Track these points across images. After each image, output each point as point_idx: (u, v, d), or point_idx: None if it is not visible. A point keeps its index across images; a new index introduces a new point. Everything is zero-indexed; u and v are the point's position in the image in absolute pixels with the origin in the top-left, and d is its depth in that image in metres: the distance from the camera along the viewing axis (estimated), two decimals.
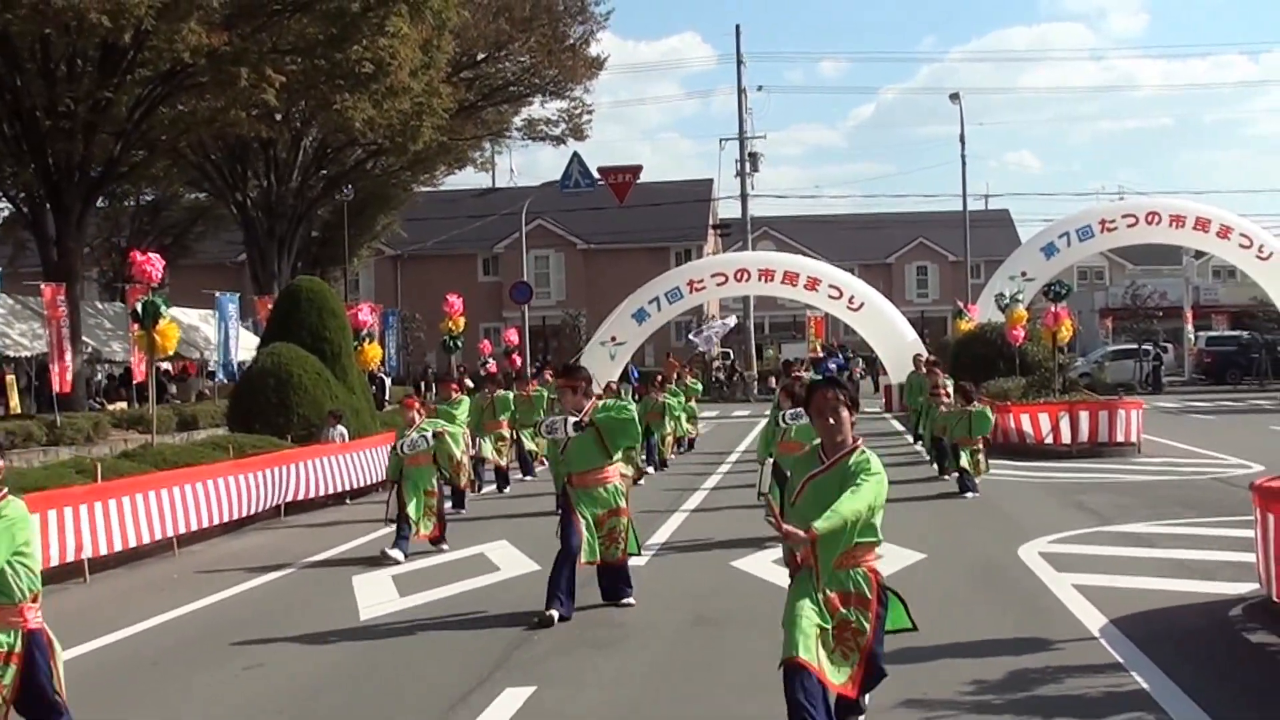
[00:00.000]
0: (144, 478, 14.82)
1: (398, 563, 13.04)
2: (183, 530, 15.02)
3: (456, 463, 14.73)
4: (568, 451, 10.25)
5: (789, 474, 6.76)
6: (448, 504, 15.48)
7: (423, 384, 44.76)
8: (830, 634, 5.97)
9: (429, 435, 14.01)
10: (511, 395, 21.28)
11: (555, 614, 9.64)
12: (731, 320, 46.96)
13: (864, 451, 6.19)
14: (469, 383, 24.05)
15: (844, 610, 6.03)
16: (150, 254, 18.63)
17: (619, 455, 10.51)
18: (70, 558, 12.88)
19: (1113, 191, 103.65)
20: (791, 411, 12.63)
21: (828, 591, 6.00)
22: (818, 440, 6.36)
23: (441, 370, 42.41)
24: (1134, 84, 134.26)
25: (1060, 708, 7.07)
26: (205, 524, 15.64)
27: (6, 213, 46.04)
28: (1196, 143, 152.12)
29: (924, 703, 6.98)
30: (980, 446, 17.73)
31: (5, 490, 6.14)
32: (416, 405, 14.58)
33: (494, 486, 20.21)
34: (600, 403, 10.58)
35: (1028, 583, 10.91)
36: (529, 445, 21.35)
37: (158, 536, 14.55)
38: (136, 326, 19.66)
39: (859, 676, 6.02)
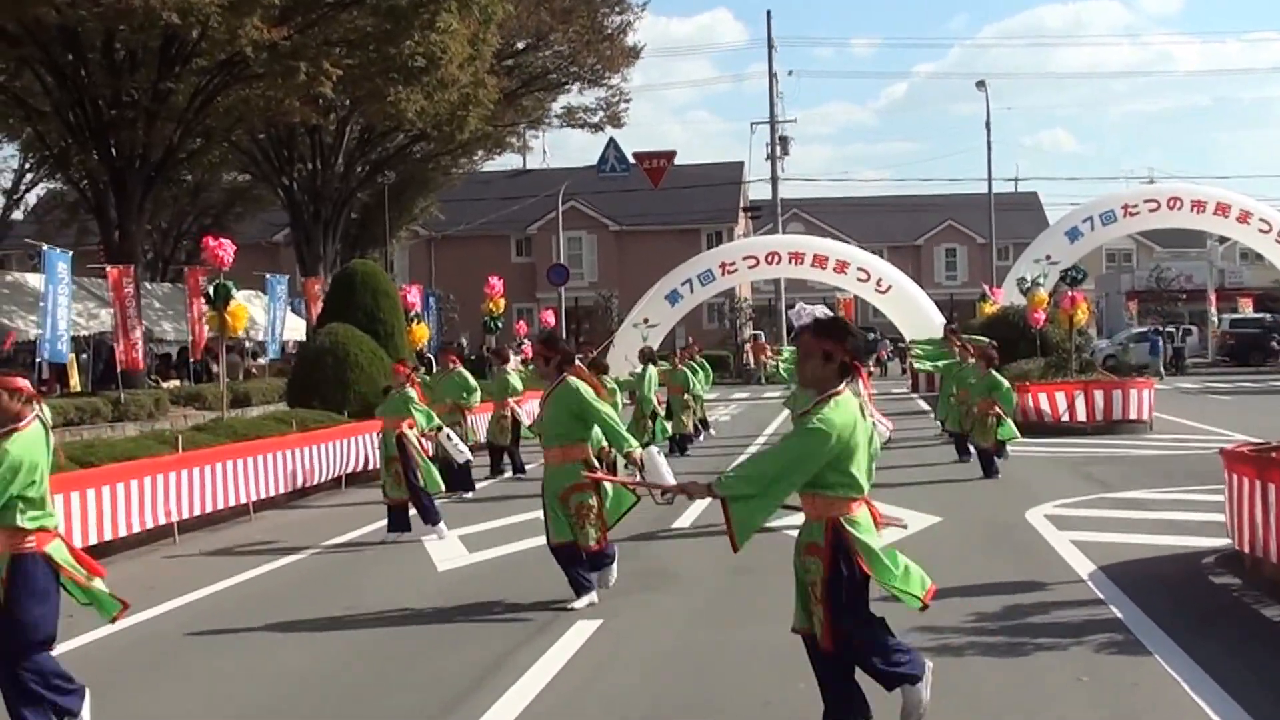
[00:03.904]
0: (221, 448, 15.90)
1: (441, 536, 13.69)
2: (256, 497, 16.20)
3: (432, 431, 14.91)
4: (542, 422, 10.20)
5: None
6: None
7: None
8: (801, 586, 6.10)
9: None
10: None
11: (581, 602, 9.84)
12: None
13: (833, 403, 5.86)
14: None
15: (801, 558, 6.09)
16: (221, 239, 19.93)
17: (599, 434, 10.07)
18: (161, 521, 14.08)
19: (1141, 175, 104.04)
20: None
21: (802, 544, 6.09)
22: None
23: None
24: (1170, 63, 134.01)
25: (1045, 631, 8.45)
26: (276, 492, 16.85)
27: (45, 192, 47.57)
28: (1232, 123, 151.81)
29: (931, 629, 8.32)
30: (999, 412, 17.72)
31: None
32: (408, 372, 14.80)
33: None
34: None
35: (1030, 539, 12.27)
36: None
37: (232, 503, 15.71)
38: (204, 307, 20.99)
39: (827, 628, 5.93)
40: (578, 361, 10.74)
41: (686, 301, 39.05)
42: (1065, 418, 23.88)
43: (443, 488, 14.43)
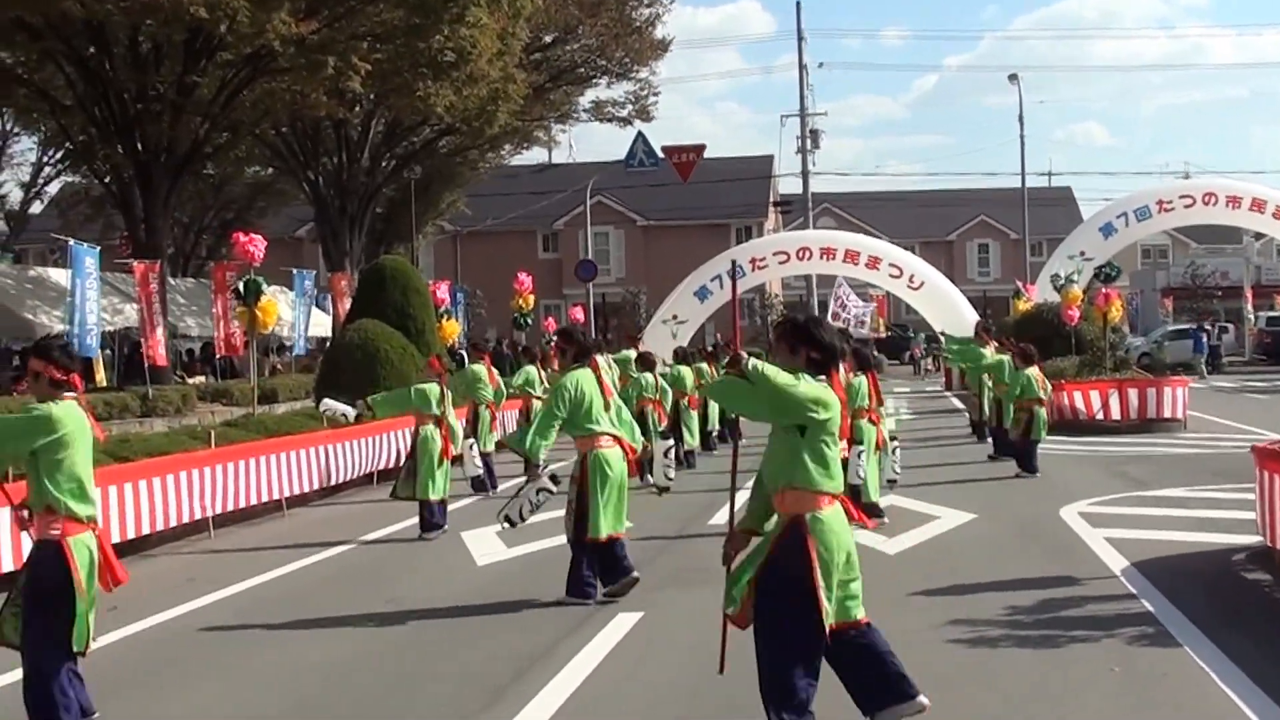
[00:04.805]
0: (254, 444, 16.00)
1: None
2: (289, 493, 16.25)
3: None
4: None
5: None
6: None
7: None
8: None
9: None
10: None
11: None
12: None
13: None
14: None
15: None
16: (252, 234, 20.03)
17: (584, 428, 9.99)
18: (197, 515, 14.17)
19: (1176, 170, 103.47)
20: None
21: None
22: None
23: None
24: (1204, 56, 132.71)
25: (1078, 624, 8.56)
26: (309, 488, 16.88)
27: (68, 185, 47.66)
28: (1268, 116, 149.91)
29: (967, 621, 8.55)
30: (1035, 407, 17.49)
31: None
32: (440, 369, 14.88)
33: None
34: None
35: (1064, 535, 12.30)
36: None
37: (265, 499, 15.76)
38: (235, 302, 21.08)
39: (746, 608, 6.12)
40: (596, 354, 10.62)
41: (716, 298, 38.88)
42: (1099, 416, 23.73)
43: (440, 495, 13.96)
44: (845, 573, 6.07)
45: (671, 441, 10.01)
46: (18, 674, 7.67)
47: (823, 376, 6.15)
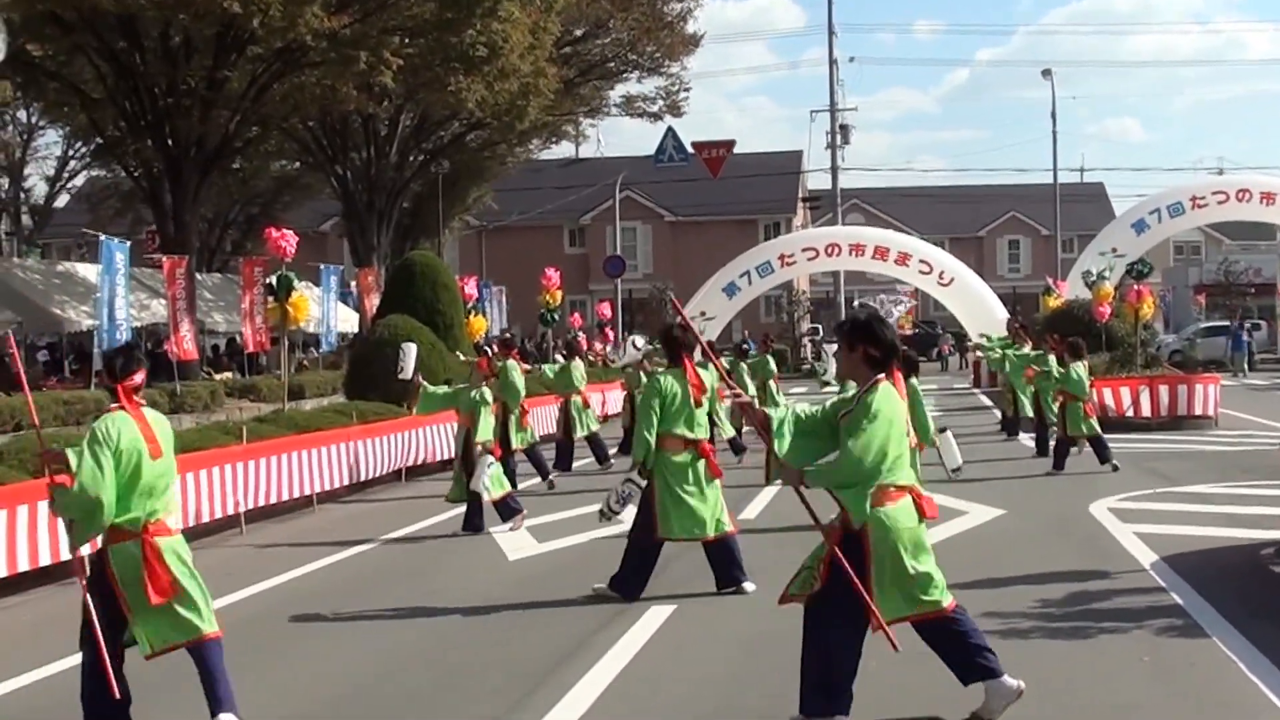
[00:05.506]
0: (285, 440, 15.95)
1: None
2: (319, 489, 16.26)
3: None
4: None
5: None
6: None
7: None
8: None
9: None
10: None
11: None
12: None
13: (875, 389, 6.22)
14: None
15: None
16: (284, 230, 20.09)
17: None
18: (230, 511, 14.19)
19: (1209, 165, 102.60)
20: None
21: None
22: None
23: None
24: (1240, 50, 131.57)
25: (1108, 615, 8.65)
26: (339, 484, 16.86)
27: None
28: None
29: (999, 614, 8.58)
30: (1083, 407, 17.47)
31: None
32: (488, 371, 14.72)
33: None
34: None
35: (1094, 530, 12.33)
36: None
37: (296, 494, 15.78)
38: (262, 297, 21.12)
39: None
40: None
41: (744, 294, 38.88)
42: (1130, 413, 23.58)
43: (495, 495, 13.56)
44: (915, 564, 6.15)
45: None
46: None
47: (881, 375, 6.27)
